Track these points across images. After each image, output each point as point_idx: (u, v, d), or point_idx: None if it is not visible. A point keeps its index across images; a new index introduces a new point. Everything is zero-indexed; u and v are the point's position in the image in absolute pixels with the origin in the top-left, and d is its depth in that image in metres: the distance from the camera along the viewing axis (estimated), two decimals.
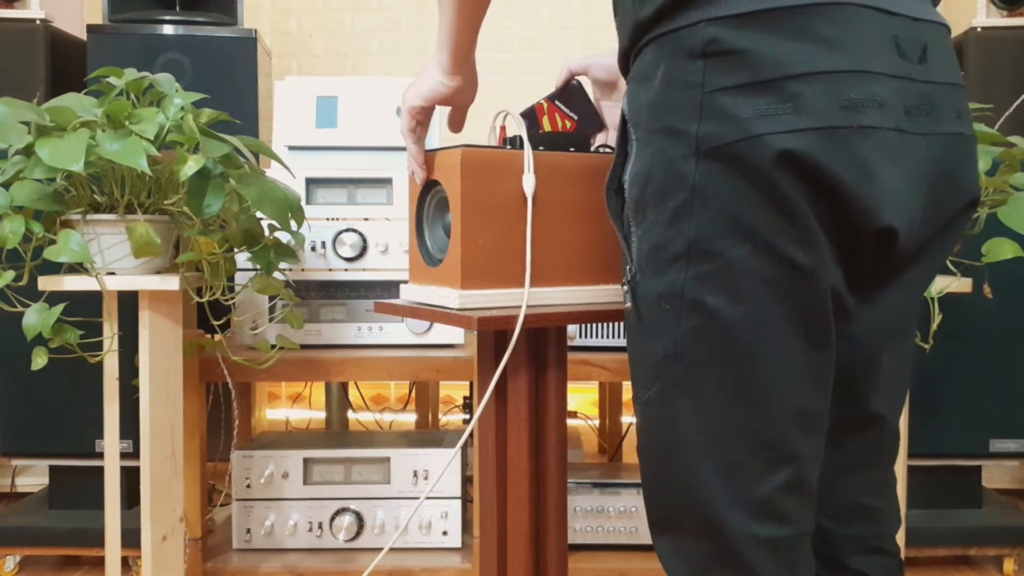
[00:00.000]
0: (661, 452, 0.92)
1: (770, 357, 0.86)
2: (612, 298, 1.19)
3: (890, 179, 0.84)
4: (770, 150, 0.80)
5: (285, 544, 1.81)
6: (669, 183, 0.86)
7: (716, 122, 0.82)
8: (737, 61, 0.82)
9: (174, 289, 1.47)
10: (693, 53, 0.84)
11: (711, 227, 0.84)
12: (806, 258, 0.84)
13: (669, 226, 0.86)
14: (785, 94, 0.81)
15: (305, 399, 2.92)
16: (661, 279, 0.87)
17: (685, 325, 0.86)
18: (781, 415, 0.87)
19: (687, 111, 0.84)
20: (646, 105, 0.88)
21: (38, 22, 2.24)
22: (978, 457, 1.95)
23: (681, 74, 0.85)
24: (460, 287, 1.08)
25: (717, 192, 0.83)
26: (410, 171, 1.17)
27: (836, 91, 0.81)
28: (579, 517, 1.83)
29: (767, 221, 0.82)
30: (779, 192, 0.81)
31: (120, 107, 1.42)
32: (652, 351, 0.90)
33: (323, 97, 1.97)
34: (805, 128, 0.80)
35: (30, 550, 1.92)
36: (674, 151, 0.85)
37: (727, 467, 0.87)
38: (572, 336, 1.82)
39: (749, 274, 0.84)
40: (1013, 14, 2.35)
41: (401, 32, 3.19)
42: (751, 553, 0.87)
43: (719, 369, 0.86)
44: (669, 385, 0.89)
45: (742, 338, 0.85)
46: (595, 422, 2.80)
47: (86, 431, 1.84)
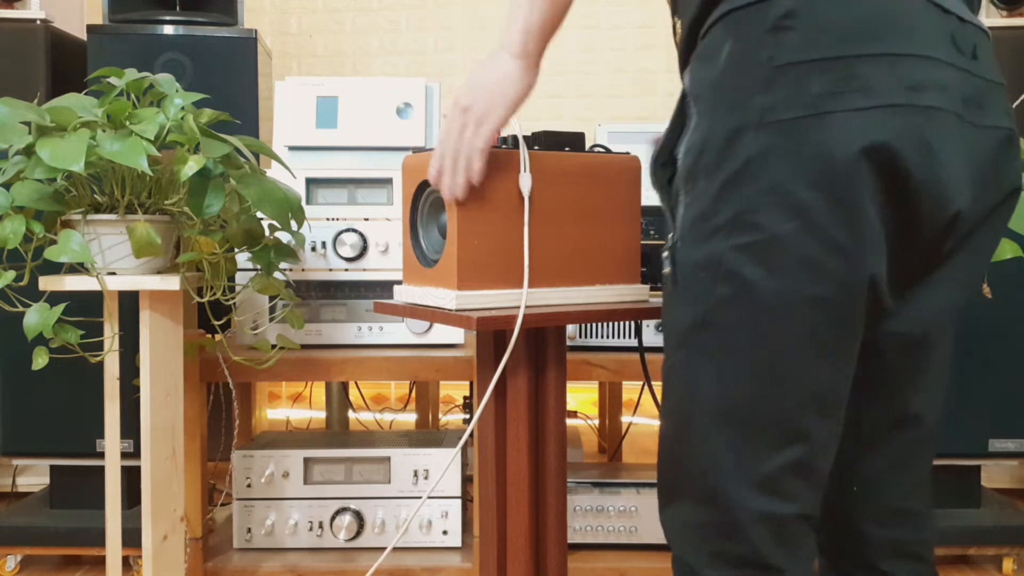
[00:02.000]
0: (678, 417, 0.93)
1: (797, 336, 0.86)
2: (611, 298, 1.19)
3: (950, 161, 0.85)
4: (836, 130, 0.81)
5: (286, 544, 1.81)
6: (724, 153, 0.86)
7: (782, 95, 0.83)
8: (808, 36, 0.83)
9: (175, 289, 1.48)
10: (764, 27, 0.84)
11: (760, 200, 0.84)
12: (852, 243, 0.84)
13: (718, 196, 0.87)
14: (853, 72, 0.82)
15: (305, 399, 2.92)
16: (702, 247, 0.88)
17: (718, 293, 0.87)
18: (798, 395, 0.88)
19: (752, 84, 0.84)
20: (710, 80, 0.89)
21: (38, 22, 2.24)
22: (977, 457, 1.95)
23: (750, 48, 0.85)
24: (456, 288, 1.09)
25: (772, 165, 0.83)
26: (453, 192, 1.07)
27: (902, 72, 0.83)
28: (579, 517, 1.83)
29: (820, 201, 0.83)
30: (837, 173, 0.82)
31: (120, 107, 1.42)
32: (683, 317, 0.91)
33: (323, 97, 1.97)
34: (872, 106, 0.82)
35: (31, 550, 1.93)
36: (734, 122, 0.85)
37: (738, 438, 0.88)
38: (572, 336, 1.82)
39: (792, 251, 0.84)
40: (1013, 14, 2.35)
41: (401, 32, 3.19)
42: (751, 526, 0.88)
43: (744, 340, 0.87)
44: (694, 351, 0.90)
45: (772, 313, 0.86)
46: (595, 422, 2.80)
47: (87, 431, 1.84)
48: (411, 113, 1.97)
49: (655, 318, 1.26)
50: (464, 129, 1.05)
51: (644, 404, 2.57)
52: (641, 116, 2.98)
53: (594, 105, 3.02)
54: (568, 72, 3.02)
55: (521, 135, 1.11)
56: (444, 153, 1.06)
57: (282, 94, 1.98)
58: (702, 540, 0.91)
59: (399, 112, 1.97)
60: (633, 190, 1.21)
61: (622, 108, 3.02)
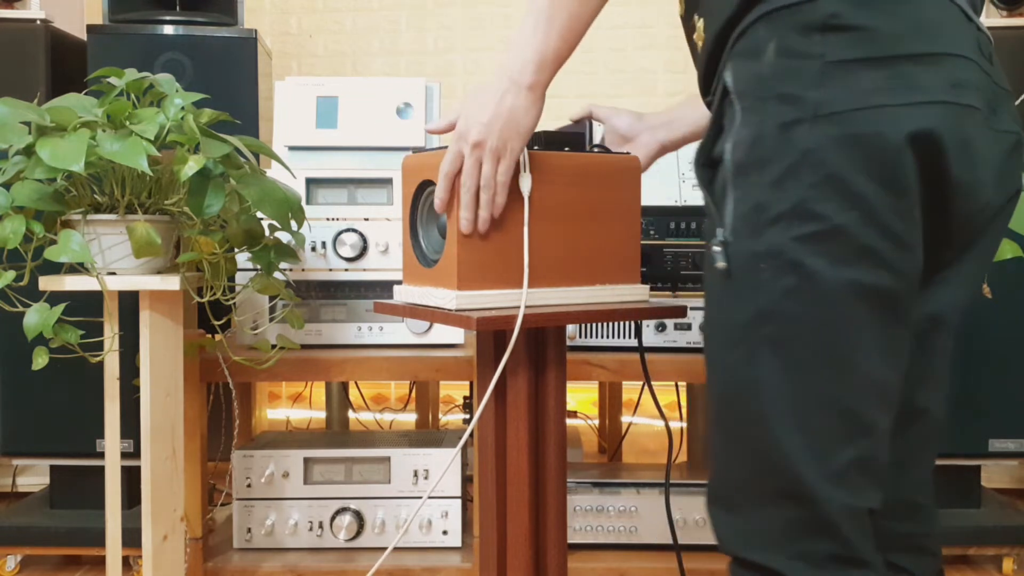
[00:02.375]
0: (742, 417, 0.91)
1: (859, 326, 0.86)
2: (611, 298, 1.19)
3: (982, 160, 0.89)
4: (889, 122, 0.84)
5: (286, 544, 1.81)
6: (779, 146, 0.87)
7: (836, 90, 0.85)
8: (857, 36, 0.85)
9: (175, 289, 1.48)
10: (812, 27, 0.86)
11: (819, 190, 0.85)
12: (907, 233, 0.86)
13: (774, 187, 0.87)
14: (902, 71, 0.85)
15: (305, 399, 2.92)
16: (760, 239, 0.88)
17: (781, 285, 0.87)
18: (864, 385, 0.88)
19: (804, 79, 0.86)
20: (756, 76, 0.89)
21: (38, 22, 2.24)
22: (977, 457, 1.95)
23: (798, 46, 0.87)
24: (456, 288, 1.09)
25: (829, 156, 0.84)
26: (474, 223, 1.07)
27: (946, 71, 0.86)
28: (579, 516, 1.83)
29: (877, 191, 0.84)
30: (892, 163, 0.84)
31: (120, 107, 1.42)
32: (741, 311, 0.90)
33: (323, 97, 1.97)
34: (922, 101, 0.85)
35: (31, 550, 1.93)
36: (787, 115, 0.86)
37: (811, 432, 0.87)
38: (572, 336, 1.82)
39: (852, 240, 0.85)
40: (1013, 14, 2.35)
41: (401, 32, 3.19)
42: (840, 520, 0.87)
43: (811, 331, 0.87)
44: (757, 346, 0.89)
45: (836, 302, 0.86)
46: (595, 422, 2.81)
47: (87, 431, 1.84)
48: (411, 113, 1.97)
49: (655, 318, 1.26)
50: (479, 164, 1.04)
51: (644, 404, 2.57)
52: None
53: None
54: (568, 72, 3.01)
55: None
56: (468, 188, 1.05)
57: (282, 94, 1.98)
58: (786, 540, 0.89)
59: (399, 112, 1.97)
60: (633, 190, 1.21)
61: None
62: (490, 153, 1.03)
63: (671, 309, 1.22)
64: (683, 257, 1.82)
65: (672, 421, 1.35)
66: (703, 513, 1.81)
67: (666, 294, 1.83)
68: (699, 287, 1.82)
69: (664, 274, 1.82)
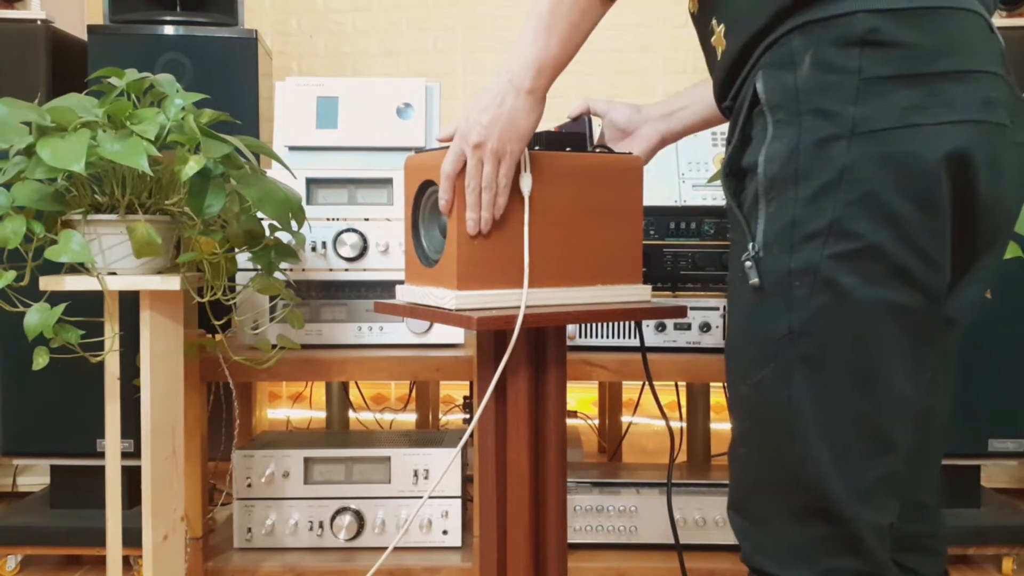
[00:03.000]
0: (772, 433, 0.92)
1: (891, 345, 0.87)
2: (611, 298, 1.19)
3: (1011, 177, 0.91)
4: (926, 141, 0.85)
5: (286, 543, 1.82)
6: (816, 162, 0.87)
7: (874, 107, 0.85)
8: (894, 53, 0.86)
9: (175, 289, 1.48)
10: (849, 41, 0.86)
11: (856, 208, 0.85)
12: (938, 252, 0.87)
13: (810, 204, 0.87)
14: (936, 88, 0.85)
15: (306, 399, 2.92)
16: (794, 255, 0.88)
17: (816, 302, 0.87)
18: (891, 404, 0.89)
19: (842, 94, 0.86)
20: (792, 89, 0.89)
21: (38, 22, 2.24)
22: (977, 456, 1.95)
23: (835, 59, 0.86)
24: (456, 288, 1.09)
25: (867, 174, 0.85)
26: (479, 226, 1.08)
27: (978, 89, 0.87)
28: (579, 516, 1.83)
29: (911, 210, 0.85)
30: (928, 183, 0.85)
31: (121, 107, 1.42)
32: (774, 328, 0.90)
33: (323, 97, 1.97)
34: (956, 120, 0.86)
35: (31, 549, 1.93)
36: (825, 131, 0.86)
37: (841, 449, 0.88)
38: (572, 336, 1.82)
39: (886, 260, 0.85)
40: (1013, 14, 2.36)
41: (401, 32, 3.19)
42: (869, 537, 0.88)
43: (844, 349, 0.87)
44: (790, 363, 0.89)
45: (871, 321, 0.87)
46: (595, 422, 2.81)
47: (87, 431, 1.85)
48: (411, 113, 1.97)
49: (655, 318, 1.26)
50: (481, 165, 1.05)
51: (644, 404, 2.57)
52: None
53: None
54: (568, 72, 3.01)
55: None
56: (472, 189, 1.06)
57: (282, 94, 1.98)
58: (815, 557, 0.90)
59: (399, 112, 1.97)
60: (634, 190, 1.21)
61: None
62: (491, 154, 1.04)
63: (671, 309, 1.22)
64: (683, 257, 1.83)
65: (672, 421, 1.35)
66: (703, 513, 1.81)
67: (666, 294, 1.83)
68: (699, 287, 1.82)
69: (664, 274, 1.82)
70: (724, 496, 1.00)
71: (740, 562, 0.96)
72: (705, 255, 1.82)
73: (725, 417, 2.50)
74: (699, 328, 1.81)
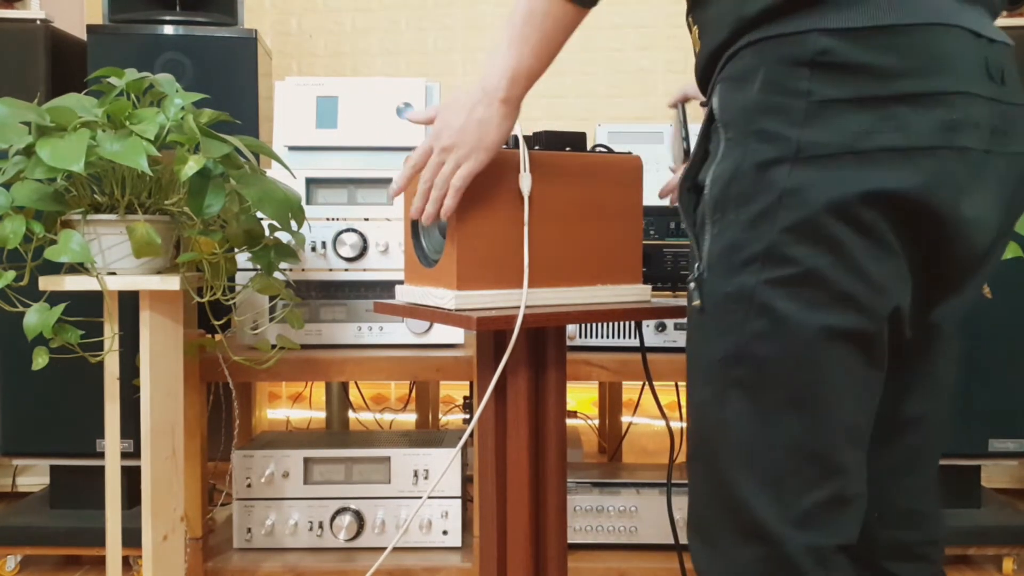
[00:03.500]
0: (709, 454, 0.91)
1: (832, 370, 0.85)
2: (611, 298, 1.19)
3: (981, 202, 0.87)
4: (871, 169, 0.82)
5: (286, 544, 1.81)
6: (757, 185, 0.85)
7: (820, 131, 0.83)
8: (847, 75, 0.83)
9: (175, 289, 1.48)
10: (800, 61, 0.84)
11: (794, 233, 0.84)
12: (884, 278, 0.85)
13: (749, 228, 0.86)
14: (890, 111, 0.82)
15: (305, 399, 2.92)
16: (732, 280, 0.87)
17: (751, 327, 0.86)
18: (834, 428, 0.87)
19: (789, 116, 0.84)
20: (741, 107, 0.88)
21: (38, 22, 2.24)
22: (977, 457, 1.95)
23: (784, 80, 0.84)
24: (456, 288, 1.09)
25: (807, 199, 0.83)
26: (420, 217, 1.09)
27: (940, 111, 0.83)
28: (579, 517, 1.83)
29: (853, 236, 0.83)
30: (870, 211, 0.82)
31: (120, 107, 1.42)
32: (712, 351, 0.90)
33: (323, 97, 1.97)
34: (908, 147, 0.82)
35: (31, 550, 1.93)
36: (767, 154, 0.85)
37: (775, 475, 0.87)
38: (572, 336, 1.82)
39: (826, 285, 0.84)
40: (1013, 14, 2.35)
41: (401, 32, 3.19)
42: (804, 560, 0.87)
43: (779, 375, 0.86)
44: (726, 387, 0.89)
45: (807, 347, 0.85)
46: (595, 422, 2.81)
47: (87, 431, 1.84)
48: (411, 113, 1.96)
49: (655, 318, 1.26)
50: (443, 166, 1.05)
51: (644, 404, 2.57)
52: (641, 116, 2.98)
53: (594, 105, 3.02)
54: (568, 72, 3.02)
55: (521, 135, 1.11)
56: (425, 180, 1.07)
57: (282, 94, 1.98)
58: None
59: (399, 112, 1.97)
60: (634, 190, 1.21)
61: (622, 108, 3.02)
62: (454, 158, 1.05)
63: (671, 309, 1.22)
64: (683, 257, 1.82)
65: (672, 421, 1.35)
66: None
67: (666, 294, 1.83)
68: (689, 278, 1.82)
69: (664, 274, 1.82)
70: None
71: None
72: None
73: None
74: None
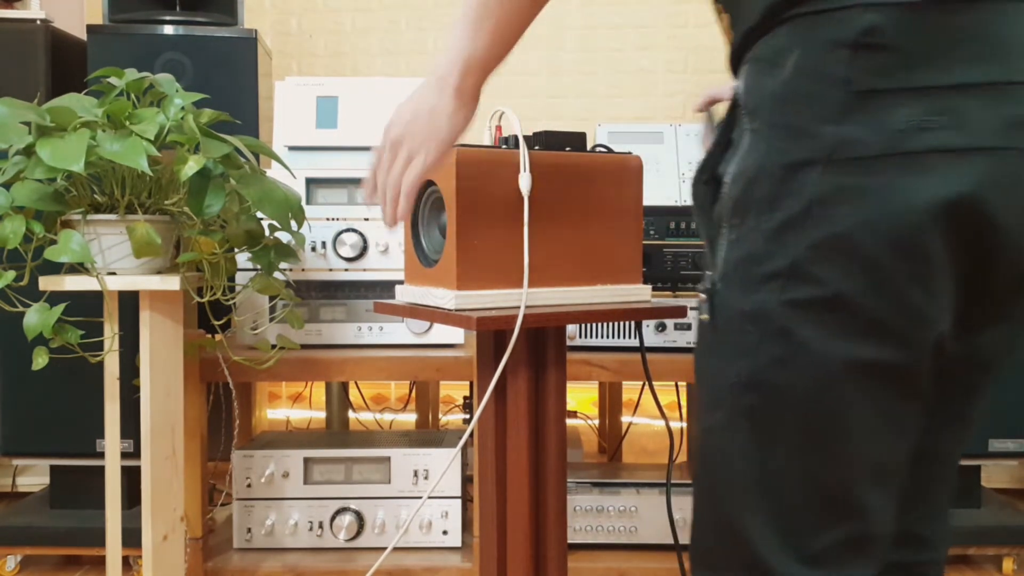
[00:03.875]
0: (714, 483, 0.83)
1: (856, 405, 0.75)
2: (611, 298, 1.19)
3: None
4: (919, 175, 0.70)
5: (286, 544, 1.81)
6: (783, 189, 0.74)
7: (860, 128, 0.71)
8: (895, 59, 0.71)
9: (175, 289, 1.48)
10: (841, 42, 0.72)
11: (823, 250, 0.72)
12: (927, 304, 0.73)
13: (772, 238, 0.75)
14: (948, 104, 0.70)
15: (305, 399, 2.92)
16: (748, 296, 0.77)
17: (768, 353, 0.76)
18: (855, 468, 0.77)
19: (824, 110, 0.72)
20: (770, 94, 0.76)
21: (38, 22, 2.24)
22: (977, 457, 1.95)
23: (821, 64, 0.73)
24: (456, 288, 1.08)
25: (840, 211, 0.71)
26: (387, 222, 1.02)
27: (1007, 106, 0.71)
28: (579, 517, 1.83)
29: (893, 257, 0.71)
30: (916, 227, 0.71)
31: (120, 107, 1.42)
32: (722, 374, 0.80)
33: (323, 97, 1.97)
34: (965, 148, 0.70)
35: (31, 550, 1.93)
36: (797, 153, 0.73)
37: (781, 515, 0.78)
38: (572, 336, 1.82)
39: (857, 312, 0.73)
40: None
41: (401, 32, 3.19)
42: None
43: (795, 407, 0.76)
44: (736, 414, 0.79)
45: (829, 380, 0.74)
46: (595, 422, 2.81)
47: (87, 431, 1.84)
48: None
49: (655, 318, 1.26)
50: (394, 163, 0.99)
51: (644, 404, 2.57)
52: (641, 116, 2.98)
53: (594, 105, 3.02)
54: (568, 72, 3.02)
55: (521, 135, 1.11)
56: (378, 184, 1.02)
57: (282, 94, 1.98)
58: None
59: None
60: (634, 190, 1.21)
61: (622, 108, 3.02)
62: (403, 153, 0.98)
63: (671, 309, 1.21)
64: (683, 257, 1.82)
65: (672, 421, 1.35)
66: None
67: (666, 294, 1.83)
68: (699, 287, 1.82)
69: (664, 274, 1.82)
70: None
71: None
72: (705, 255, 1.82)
73: None
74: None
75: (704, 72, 2.97)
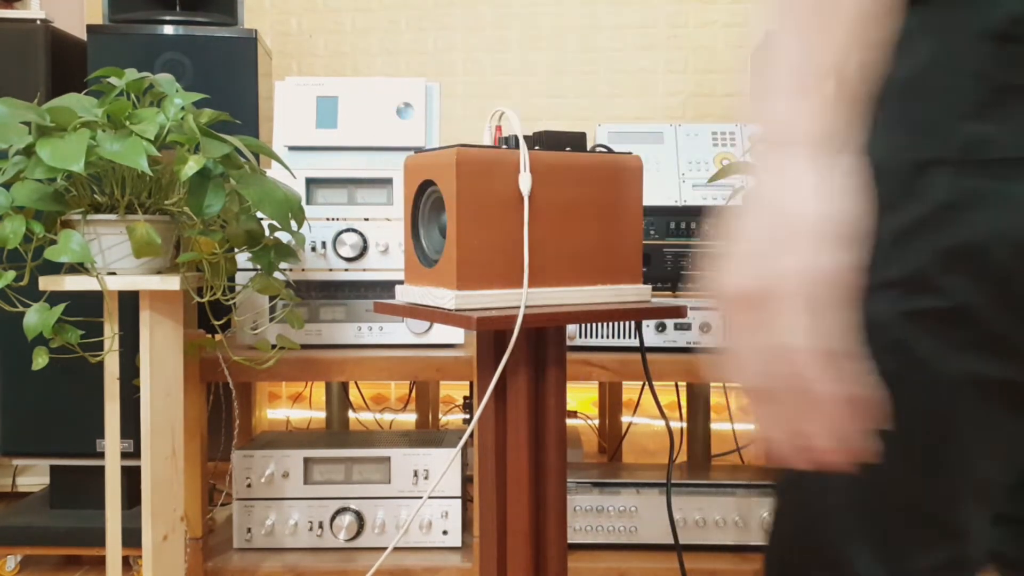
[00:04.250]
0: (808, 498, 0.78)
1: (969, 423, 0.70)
2: (611, 298, 1.19)
3: None
4: None
5: (286, 544, 1.81)
6: (906, 189, 0.68)
7: (1000, 127, 0.65)
8: None
9: (175, 289, 1.48)
10: (981, 30, 0.66)
11: (949, 259, 0.67)
12: None
13: (892, 243, 0.69)
14: None
15: (305, 399, 2.92)
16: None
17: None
18: (960, 487, 0.73)
19: (960, 104, 0.66)
20: (900, 79, 0.70)
21: (38, 22, 2.24)
22: None
23: (958, 55, 0.67)
24: (456, 288, 1.08)
25: (972, 218, 0.66)
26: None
27: None
28: (579, 516, 1.83)
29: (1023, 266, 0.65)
30: None
31: (120, 107, 1.42)
32: None
33: (323, 97, 1.97)
34: None
35: (31, 550, 1.93)
36: (923, 151, 0.68)
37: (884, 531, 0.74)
38: (572, 336, 1.82)
39: (979, 324, 0.67)
40: None
41: (401, 32, 3.19)
42: None
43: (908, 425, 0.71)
44: None
45: (946, 398, 0.70)
46: (595, 422, 2.81)
47: (87, 431, 1.85)
48: (411, 113, 1.97)
49: (655, 318, 1.26)
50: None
51: (644, 404, 2.57)
52: (641, 116, 2.99)
53: (594, 105, 3.02)
54: (568, 72, 3.02)
55: (521, 135, 1.11)
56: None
57: (282, 94, 1.98)
58: None
59: (399, 112, 1.97)
60: (635, 190, 1.21)
61: (622, 108, 3.02)
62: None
63: (671, 309, 1.22)
64: (683, 257, 1.83)
65: (672, 421, 1.35)
66: (703, 513, 1.81)
67: (666, 294, 1.83)
68: (699, 287, 1.82)
69: (664, 274, 1.82)
70: (724, 496, 0.99)
71: (740, 562, 0.92)
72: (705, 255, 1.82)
73: (725, 417, 2.50)
74: (699, 328, 1.81)
75: (704, 72, 2.98)
